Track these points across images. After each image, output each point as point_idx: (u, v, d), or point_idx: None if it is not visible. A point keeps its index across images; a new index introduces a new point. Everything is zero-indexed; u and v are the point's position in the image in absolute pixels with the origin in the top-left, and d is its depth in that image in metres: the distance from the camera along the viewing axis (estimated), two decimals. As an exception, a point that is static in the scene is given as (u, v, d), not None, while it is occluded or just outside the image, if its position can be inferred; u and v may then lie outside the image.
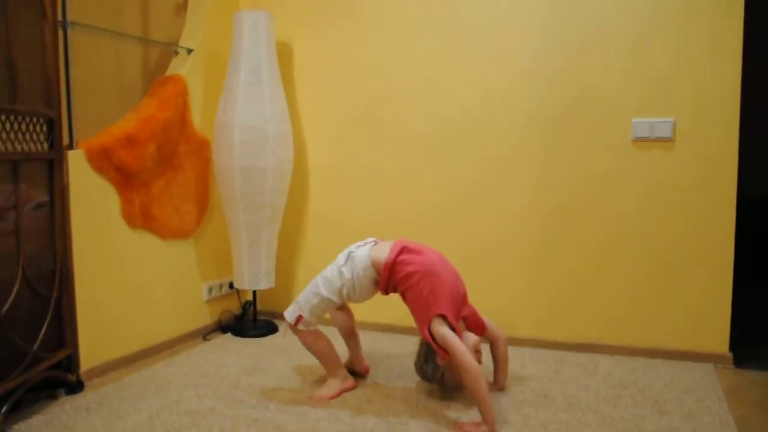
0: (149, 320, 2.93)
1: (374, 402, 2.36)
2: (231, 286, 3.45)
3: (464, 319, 2.37)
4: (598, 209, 2.91)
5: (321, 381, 2.55)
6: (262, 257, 3.18)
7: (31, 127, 2.21)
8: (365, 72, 3.29)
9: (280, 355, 2.93)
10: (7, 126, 2.09)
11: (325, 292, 2.34)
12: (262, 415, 2.23)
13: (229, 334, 3.30)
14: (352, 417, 2.22)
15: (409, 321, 2.42)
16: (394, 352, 2.96)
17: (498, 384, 2.48)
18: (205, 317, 3.33)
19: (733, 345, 2.78)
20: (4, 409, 2.06)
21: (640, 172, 2.84)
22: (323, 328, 2.48)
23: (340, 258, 2.39)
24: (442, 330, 2.16)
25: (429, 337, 2.19)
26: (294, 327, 2.40)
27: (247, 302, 3.48)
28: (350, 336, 2.64)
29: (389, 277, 2.30)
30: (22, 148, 2.17)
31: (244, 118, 3.00)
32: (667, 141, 2.78)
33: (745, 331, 3.06)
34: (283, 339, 3.09)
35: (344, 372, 2.49)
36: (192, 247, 3.21)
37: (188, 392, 2.45)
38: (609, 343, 2.94)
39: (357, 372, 2.63)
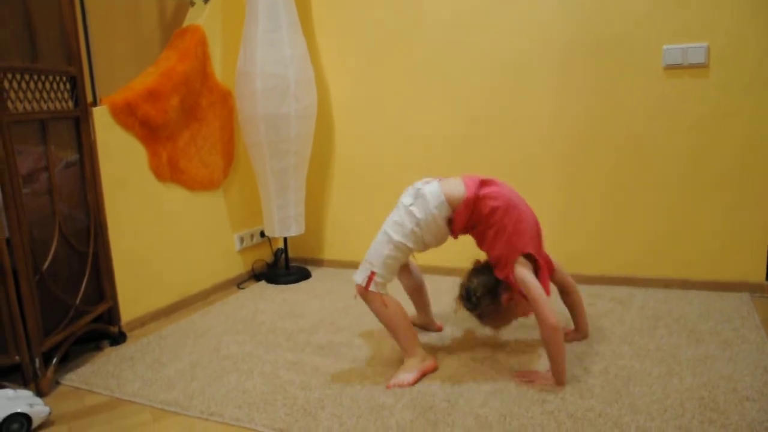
0: (184, 272, 3.00)
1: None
2: (262, 234, 3.49)
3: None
4: (629, 140, 2.84)
5: (355, 323, 2.59)
6: (291, 204, 3.20)
7: (54, 86, 2.22)
8: (384, 9, 3.21)
9: (314, 300, 2.98)
10: (32, 85, 2.10)
11: (397, 237, 2.01)
12: (300, 357, 2.29)
13: (262, 282, 3.36)
14: (384, 356, 2.26)
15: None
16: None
17: (580, 332, 2.31)
18: (239, 266, 3.39)
19: (771, 273, 2.75)
20: (54, 360, 2.15)
21: (673, 100, 2.74)
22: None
23: (406, 198, 2.05)
24: (524, 273, 1.94)
25: (512, 280, 1.97)
26: (365, 290, 2.03)
27: (279, 250, 3.53)
28: (418, 292, 2.42)
29: (470, 215, 2.01)
30: (48, 107, 2.18)
31: (265, 66, 2.96)
32: (701, 67, 2.68)
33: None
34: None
35: (422, 351, 2.11)
36: (221, 198, 3.24)
37: (227, 339, 2.52)
38: (643, 276, 2.92)
39: (429, 330, 2.48)
